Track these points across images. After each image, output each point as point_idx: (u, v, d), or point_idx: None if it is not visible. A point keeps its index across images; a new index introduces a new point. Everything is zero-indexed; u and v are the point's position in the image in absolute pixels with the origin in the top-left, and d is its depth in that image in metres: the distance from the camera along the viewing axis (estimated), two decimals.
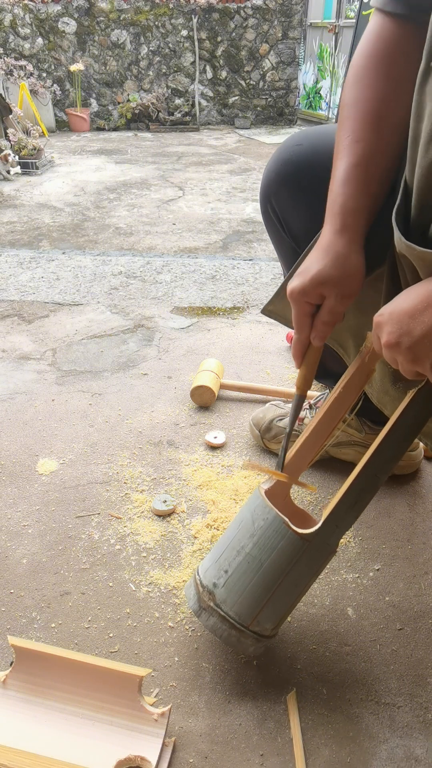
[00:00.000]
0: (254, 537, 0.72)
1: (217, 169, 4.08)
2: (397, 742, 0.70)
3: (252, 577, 0.71)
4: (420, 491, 1.10)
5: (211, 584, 0.74)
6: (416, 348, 0.57)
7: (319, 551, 0.72)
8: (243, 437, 1.24)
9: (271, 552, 0.70)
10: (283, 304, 0.90)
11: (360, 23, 4.79)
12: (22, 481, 1.11)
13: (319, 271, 0.68)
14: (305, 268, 0.70)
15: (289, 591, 0.72)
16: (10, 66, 5.32)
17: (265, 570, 0.71)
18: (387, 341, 0.60)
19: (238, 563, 0.72)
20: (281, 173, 0.91)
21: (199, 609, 0.74)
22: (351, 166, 0.70)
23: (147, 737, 0.67)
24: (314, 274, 0.69)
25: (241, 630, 0.72)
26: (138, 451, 1.20)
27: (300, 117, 6.68)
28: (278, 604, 0.73)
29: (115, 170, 4.06)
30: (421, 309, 0.57)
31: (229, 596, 0.72)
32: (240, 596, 0.72)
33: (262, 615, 0.72)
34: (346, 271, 0.68)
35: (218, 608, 0.72)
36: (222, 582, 0.73)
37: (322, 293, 0.69)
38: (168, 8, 5.88)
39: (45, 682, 0.70)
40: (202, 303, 1.94)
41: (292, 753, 0.69)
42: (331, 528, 0.71)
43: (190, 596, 0.76)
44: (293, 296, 0.71)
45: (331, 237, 0.70)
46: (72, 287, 2.06)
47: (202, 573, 0.76)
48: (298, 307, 0.72)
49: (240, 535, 0.74)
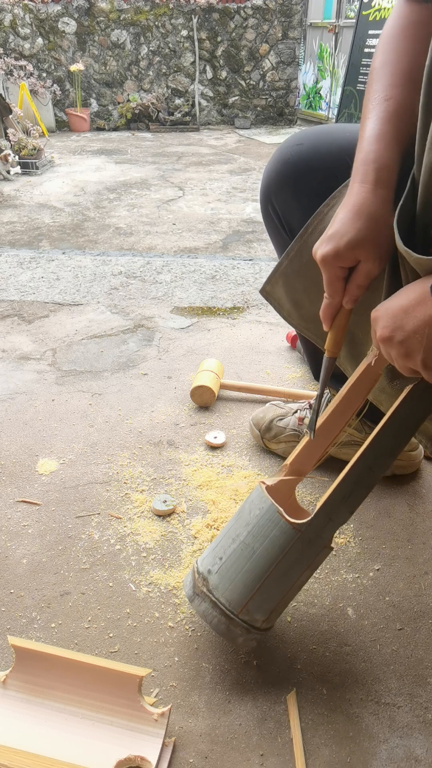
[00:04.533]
0: (249, 525, 0.73)
1: (217, 169, 4.08)
2: (397, 742, 0.70)
3: (244, 564, 0.72)
4: (420, 491, 1.10)
5: (206, 570, 0.75)
6: (408, 342, 0.58)
7: (311, 543, 0.72)
8: (243, 437, 1.24)
9: (264, 540, 0.72)
10: (278, 287, 0.89)
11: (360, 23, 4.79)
12: (22, 481, 1.11)
13: (354, 235, 0.65)
14: (336, 232, 0.66)
15: (280, 581, 0.73)
16: (10, 66, 5.32)
17: (257, 558, 0.72)
18: (381, 335, 0.61)
19: (233, 550, 0.74)
20: (281, 173, 0.91)
21: (192, 594, 0.76)
22: (381, 122, 0.67)
23: (147, 737, 0.67)
24: (349, 239, 0.65)
25: (231, 617, 0.73)
26: (138, 451, 1.20)
27: (300, 117, 6.68)
28: (268, 594, 0.73)
29: (115, 170, 4.06)
30: (414, 305, 0.58)
31: (221, 582, 0.73)
32: (231, 582, 0.73)
33: (252, 603, 0.73)
34: (382, 232, 0.65)
35: (210, 594, 0.73)
36: (216, 568, 0.74)
37: (356, 257, 0.66)
38: (168, 8, 5.88)
39: (45, 682, 0.70)
40: (202, 303, 1.94)
41: (292, 753, 0.69)
42: (323, 520, 0.71)
43: (186, 583, 0.78)
44: (326, 261, 0.67)
45: (364, 196, 0.66)
46: (72, 287, 2.06)
47: (200, 561, 0.78)
48: (330, 272, 0.68)
49: (237, 524, 0.75)
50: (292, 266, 0.86)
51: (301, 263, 0.84)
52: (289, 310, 0.91)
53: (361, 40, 4.81)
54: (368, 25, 4.73)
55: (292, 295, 0.89)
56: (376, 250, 0.66)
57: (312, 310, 0.90)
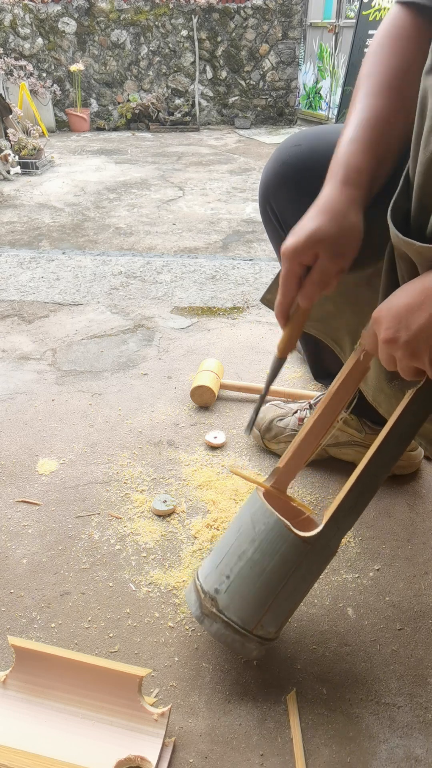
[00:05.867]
0: (255, 542, 0.71)
1: (217, 169, 4.08)
2: (397, 742, 0.70)
3: (255, 581, 0.71)
4: (420, 491, 1.10)
5: (212, 590, 0.73)
6: (414, 342, 0.57)
7: (321, 553, 0.72)
8: (243, 437, 1.24)
9: (274, 556, 0.70)
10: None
11: (360, 23, 4.80)
12: (22, 481, 1.11)
13: (314, 229, 0.66)
14: (300, 227, 0.68)
15: (292, 594, 0.72)
16: (10, 66, 5.32)
17: (268, 574, 0.70)
18: (385, 337, 0.60)
19: (240, 568, 0.72)
20: (280, 174, 0.91)
21: (201, 615, 0.74)
22: (358, 126, 0.69)
23: (147, 737, 0.67)
24: (309, 232, 0.66)
25: (245, 635, 0.72)
26: (138, 451, 1.20)
27: (300, 117, 6.68)
28: (281, 607, 0.73)
29: (115, 170, 4.06)
30: (419, 303, 0.57)
31: (232, 602, 0.72)
32: (243, 601, 0.71)
33: (265, 619, 0.72)
34: (343, 229, 0.66)
35: (221, 614, 0.72)
36: (224, 588, 0.72)
37: (316, 252, 0.66)
38: (168, 8, 5.88)
39: (45, 682, 0.70)
40: (202, 303, 1.94)
41: (292, 753, 0.69)
42: (332, 530, 0.71)
43: (191, 602, 0.76)
44: (286, 254, 0.68)
45: (330, 193, 0.67)
46: (72, 287, 2.06)
47: (202, 579, 0.76)
48: (288, 267, 0.68)
49: (241, 540, 0.73)
50: None
51: None
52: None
53: (361, 40, 4.81)
54: (368, 25, 4.73)
55: None
56: (335, 247, 0.66)
57: (318, 312, 0.91)
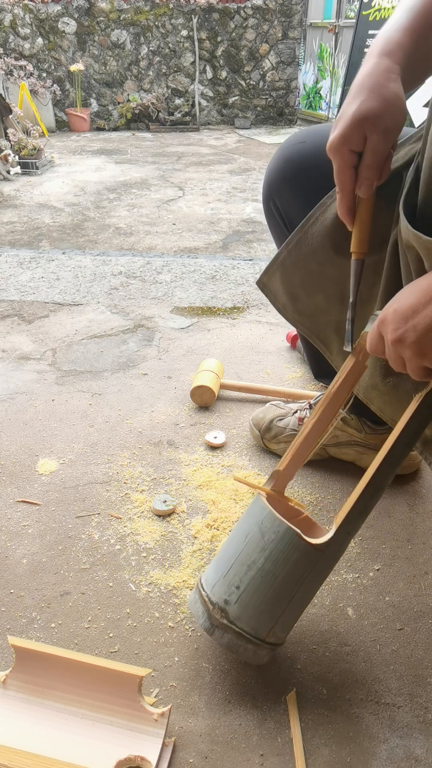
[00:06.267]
0: (266, 551, 0.71)
1: (217, 169, 4.08)
2: (397, 742, 0.70)
3: (267, 591, 0.70)
4: (420, 491, 1.10)
5: (221, 601, 0.72)
6: (422, 341, 0.57)
7: (331, 559, 0.72)
8: (243, 437, 1.24)
9: (286, 565, 0.70)
10: (274, 279, 0.89)
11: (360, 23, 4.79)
12: (22, 481, 1.11)
13: (357, 108, 0.62)
14: (341, 114, 0.64)
15: (303, 599, 0.73)
16: (10, 66, 5.32)
17: (280, 583, 0.70)
18: (393, 338, 0.60)
19: (251, 578, 0.71)
20: (284, 171, 0.91)
21: (211, 627, 0.72)
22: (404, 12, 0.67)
23: (147, 737, 0.67)
24: (353, 113, 0.62)
25: (258, 643, 0.72)
26: (138, 451, 1.20)
27: (300, 117, 6.68)
28: (292, 614, 0.73)
29: (115, 170, 4.06)
30: (425, 302, 0.57)
31: (243, 612, 0.71)
32: (255, 611, 0.71)
33: (277, 626, 0.72)
34: (386, 101, 0.62)
35: (232, 625, 0.71)
36: (234, 598, 0.71)
37: (363, 134, 0.63)
38: (168, 8, 5.88)
39: (45, 682, 0.70)
40: (202, 303, 1.94)
41: (292, 753, 0.69)
42: (343, 536, 0.71)
43: (198, 614, 0.74)
44: (333, 147, 0.64)
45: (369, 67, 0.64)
46: (72, 287, 2.06)
47: (208, 589, 0.74)
48: (339, 159, 0.65)
49: (249, 549, 0.72)
50: (290, 258, 0.85)
51: (299, 255, 0.84)
52: (284, 302, 0.91)
53: (361, 40, 4.80)
54: (368, 25, 4.73)
55: (288, 287, 0.89)
56: (381, 121, 0.63)
57: (308, 304, 0.90)
